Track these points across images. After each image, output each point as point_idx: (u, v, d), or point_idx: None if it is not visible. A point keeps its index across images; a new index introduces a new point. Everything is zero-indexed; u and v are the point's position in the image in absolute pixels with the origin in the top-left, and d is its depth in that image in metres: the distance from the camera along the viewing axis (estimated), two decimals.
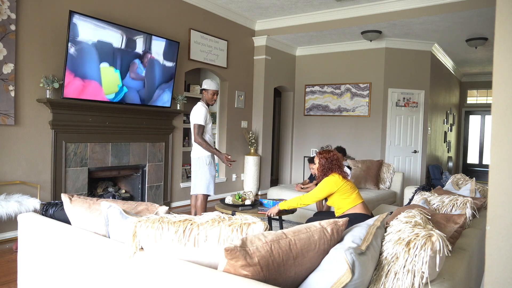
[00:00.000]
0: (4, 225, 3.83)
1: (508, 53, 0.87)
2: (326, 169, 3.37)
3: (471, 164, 12.65)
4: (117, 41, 4.58)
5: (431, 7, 5.53)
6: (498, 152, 0.88)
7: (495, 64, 0.89)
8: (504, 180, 0.88)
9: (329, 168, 3.36)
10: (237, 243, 1.20)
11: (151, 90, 5.09)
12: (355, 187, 3.39)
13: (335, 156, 3.41)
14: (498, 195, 0.89)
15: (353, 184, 3.39)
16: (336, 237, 1.38)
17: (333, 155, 3.41)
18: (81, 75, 4.24)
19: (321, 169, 3.40)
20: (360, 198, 3.33)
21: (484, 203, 2.73)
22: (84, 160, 4.53)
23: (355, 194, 3.32)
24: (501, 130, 0.88)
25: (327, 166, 3.36)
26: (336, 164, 3.37)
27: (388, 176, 5.51)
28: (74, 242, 1.72)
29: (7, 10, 3.80)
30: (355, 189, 3.35)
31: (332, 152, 3.44)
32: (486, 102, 11.45)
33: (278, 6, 6.20)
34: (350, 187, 3.31)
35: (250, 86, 7.29)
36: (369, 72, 7.24)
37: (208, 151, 4.02)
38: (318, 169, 3.44)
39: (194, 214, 4.11)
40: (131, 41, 4.74)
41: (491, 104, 0.90)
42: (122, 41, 4.63)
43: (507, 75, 0.87)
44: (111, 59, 4.52)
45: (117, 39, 4.56)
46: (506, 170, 0.87)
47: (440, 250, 1.34)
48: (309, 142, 7.99)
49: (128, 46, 4.71)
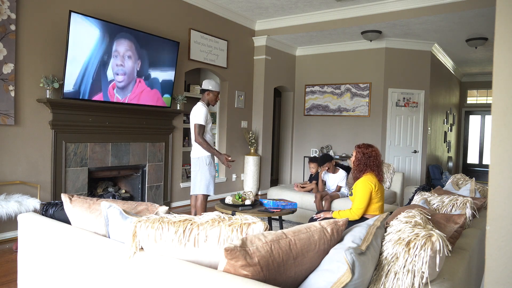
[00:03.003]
0: (4, 225, 3.83)
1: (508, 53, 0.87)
2: (362, 164, 3.13)
3: (471, 164, 12.65)
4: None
5: (431, 7, 5.53)
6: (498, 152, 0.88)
7: (495, 64, 0.89)
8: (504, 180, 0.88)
9: (366, 164, 3.12)
10: (237, 243, 1.20)
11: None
12: (383, 198, 3.19)
13: (374, 152, 3.16)
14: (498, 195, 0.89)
15: (383, 192, 3.19)
16: (336, 237, 1.38)
17: (372, 151, 3.16)
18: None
19: (356, 163, 3.16)
20: (382, 211, 3.13)
21: (484, 203, 2.73)
22: (84, 160, 4.53)
23: (381, 204, 3.14)
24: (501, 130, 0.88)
25: (364, 161, 3.12)
26: (374, 162, 3.12)
27: (388, 176, 5.51)
28: (74, 242, 1.72)
29: (7, 10, 3.80)
30: (383, 199, 3.16)
31: (372, 148, 3.19)
32: (486, 102, 11.45)
33: (278, 6, 6.20)
34: (381, 195, 3.10)
35: (250, 86, 7.29)
36: (369, 72, 7.24)
37: (208, 151, 4.01)
38: (354, 163, 3.20)
39: (194, 214, 4.11)
40: (131, 41, 4.74)
41: (491, 104, 0.90)
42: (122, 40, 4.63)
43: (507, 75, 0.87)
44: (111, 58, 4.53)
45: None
46: (506, 170, 0.87)
47: (440, 250, 1.34)
48: (309, 142, 7.99)
49: (128, 46, 4.71)
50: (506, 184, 0.87)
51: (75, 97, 4.25)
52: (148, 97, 5.07)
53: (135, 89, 4.88)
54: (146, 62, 4.97)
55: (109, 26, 4.47)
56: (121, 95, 4.72)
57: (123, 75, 4.71)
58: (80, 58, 4.22)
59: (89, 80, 4.34)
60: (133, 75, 4.83)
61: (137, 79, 4.89)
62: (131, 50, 4.77)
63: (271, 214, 3.66)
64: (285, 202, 3.93)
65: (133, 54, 4.79)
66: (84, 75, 4.28)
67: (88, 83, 4.34)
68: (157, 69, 5.14)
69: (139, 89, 4.93)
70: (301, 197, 4.86)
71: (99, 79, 4.45)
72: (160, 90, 5.22)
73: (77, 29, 4.14)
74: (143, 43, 4.89)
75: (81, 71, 4.25)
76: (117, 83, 4.66)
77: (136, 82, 4.89)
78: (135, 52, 4.81)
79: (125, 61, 4.72)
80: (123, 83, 4.74)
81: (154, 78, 5.12)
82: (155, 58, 5.08)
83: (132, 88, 4.85)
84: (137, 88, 4.91)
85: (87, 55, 4.28)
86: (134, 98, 4.88)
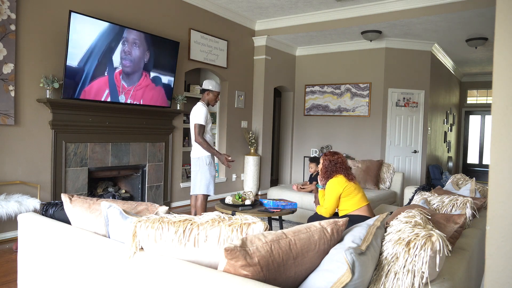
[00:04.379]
0: (4, 225, 3.83)
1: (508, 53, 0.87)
2: (329, 171, 3.33)
3: (471, 164, 12.65)
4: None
5: (431, 7, 5.53)
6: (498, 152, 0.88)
7: (495, 64, 0.89)
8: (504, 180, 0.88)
9: (332, 170, 3.32)
10: (237, 243, 1.20)
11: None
12: (360, 188, 3.33)
13: (340, 159, 3.37)
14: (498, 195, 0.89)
15: (358, 186, 3.34)
16: (336, 237, 1.38)
17: (337, 157, 3.36)
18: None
19: (324, 170, 3.36)
20: (365, 201, 3.27)
21: (484, 203, 2.73)
22: (84, 160, 4.53)
23: (360, 195, 3.26)
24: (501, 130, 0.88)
25: (330, 168, 3.33)
26: (341, 167, 3.32)
27: (388, 176, 5.51)
28: (74, 242, 1.72)
29: (7, 10, 3.80)
30: (360, 190, 3.30)
31: (338, 155, 3.39)
32: (486, 102, 11.45)
33: (278, 6, 6.20)
34: (354, 188, 3.25)
35: (250, 86, 7.29)
36: (369, 72, 7.24)
37: (208, 152, 4.01)
38: (321, 170, 3.40)
39: (194, 214, 4.11)
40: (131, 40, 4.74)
41: (491, 104, 0.90)
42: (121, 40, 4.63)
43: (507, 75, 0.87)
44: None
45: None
46: (506, 170, 0.87)
47: (440, 250, 1.34)
48: (309, 142, 7.99)
49: (128, 45, 4.71)
50: (506, 184, 0.87)
51: (78, 77, 4.23)
52: (151, 94, 5.07)
53: (139, 84, 4.88)
54: (145, 63, 4.97)
55: (110, 26, 4.47)
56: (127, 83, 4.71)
57: (128, 69, 4.72)
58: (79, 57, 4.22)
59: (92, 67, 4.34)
60: (140, 70, 4.83)
61: (143, 72, 4.89)
62: (125, 50, 4.77)
63: (271, 214, 3.66)
64: (285, 202, 3.93)
65: (129, 55, 4.79)
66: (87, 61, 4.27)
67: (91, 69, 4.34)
68: (157, 70, 5.14)
69: (144, 84, 4.93)
70: (301, 197, 4.86)
71: (102, 69, 4.45)
72: (164, 89, 5.21)
73: (77, 29, 4.14)
74: (142, 43, 4.89)
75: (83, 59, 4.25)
76: (123, 73, 4.67)
77: (142, 76, 4.88)
78: (132, 53, 4.81)
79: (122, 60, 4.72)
80: (128, 75, 4.74)
81: (157, 77, 5.12)
82: (154, 58, 5.08)
83: (138, 82, 4.85)
84: (142, 84, 4.91)
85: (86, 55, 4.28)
86: (139, 90, 4.89)
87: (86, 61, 4.28)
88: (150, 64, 5.00)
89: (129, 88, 4.77)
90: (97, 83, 4.43)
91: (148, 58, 4.95)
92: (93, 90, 4.40)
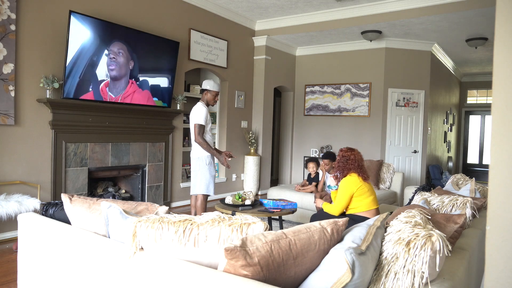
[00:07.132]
0: (4, 225, 3.83)
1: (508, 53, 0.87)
2: (341, 167, 3.35)
3: (471, 164, 12.65)
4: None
5: (431, 7, 5.53)
6: (498, 152, 0.88)
7: (495, 64, 0.89)
8: (504, 180, 0.88)
9: (344, 167, 3.33)
10: (237, 243, 1.20)
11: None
12: (373, 191, 3.35)
13: (353, 156, 3.35)
14: (498, 195, 0.89)
15: (372, 188, 3.35)
16: (336, 237, 1.38)
17: (351, 154, 3.36)
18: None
19: (336, 165, 3.41)
20: (376, 204, 3.28)
21: (484, 203, 2.73)
22: (84, 160, 4.53)
23: (372, 198, 3.27)
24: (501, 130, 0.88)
25: (342, 164, 3.34)
26: (352, 164, 3.32)
27: (388, 176, 5.51)
28: (74, 242, 1.72)
29: (7, 10, 3.80)
30: (372, 193, 3.31)
31: (353, 152, 3.38)
32: (486, 102, 11.45)
33: (278, 6, 6.20)
34: (367, 190, 3.27)
35: (250, 86, 7.29)
36: (369, 72, 7.24)
37: (208, 152, 4.01)
38: (335, 164, 3.45)
39: (194, 214, 4.11)
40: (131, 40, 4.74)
41: (491, 104, 0.90)
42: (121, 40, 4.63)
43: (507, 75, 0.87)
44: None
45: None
46: (506, 170, 0.87)
47: (440, 250, 1.34)
48: (309, 142, 7.99)
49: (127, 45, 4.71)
50: (506, 184, 0.88)
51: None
52: (141, 97, 4.98)
53: (129, 88, 4.84)
54: (145, 62, 4.97)
55: (109, 25, 4.46)
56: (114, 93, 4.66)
57: (116, 72, 4.70)
58: (81, 58, 4.22)
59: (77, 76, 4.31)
60: (126, 74, 4.83)
61: (130, 80, 4.85)
62: (123, 50, 4.76)
63: (271, 214, 3.66)
64: (285, 202, 3.93)
65: (125, 55, 4.78)
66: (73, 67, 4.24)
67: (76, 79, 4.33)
68: (155, 71, 5.14)
69: (132, 89, 4.88)
70: (301, 197, 4.86)
71: (89, 77, 4.44)
72: (150, 91, 5.12)
73: (77, 29, 4.14)
74: (142, 43, 4.88)
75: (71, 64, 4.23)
76: (111, 82, 4.65)
77: (129, 83, 4.84)
78: (128, 52, 4.81)
79: (118, 58, 4.71)
80: (117, 80, 4.72)
81: (149, 80, 5.11)
82: (154, 58, 5.07)
83: (126, 87, 4.83)
84: (131, 89, 4.86)
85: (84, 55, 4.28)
86: (128, 97, 4.82)
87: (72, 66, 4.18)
88: (136, 70, 4.86)
89: (116, 97, 4.69)
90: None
91: (133, 65, 4.80)
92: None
